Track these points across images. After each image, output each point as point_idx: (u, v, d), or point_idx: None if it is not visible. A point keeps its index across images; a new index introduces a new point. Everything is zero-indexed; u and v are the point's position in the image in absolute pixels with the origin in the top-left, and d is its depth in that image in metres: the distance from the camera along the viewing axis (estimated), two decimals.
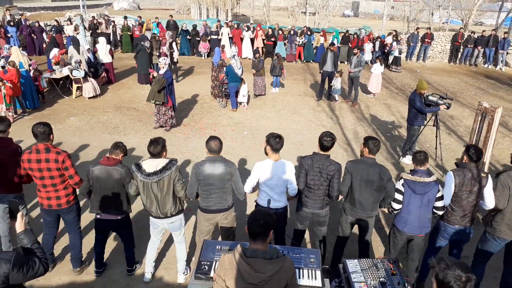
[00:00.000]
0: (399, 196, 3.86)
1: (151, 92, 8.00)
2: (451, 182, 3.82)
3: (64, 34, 16.53)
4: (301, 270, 3.08)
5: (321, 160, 3.88)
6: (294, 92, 12.14)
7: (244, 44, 16.79)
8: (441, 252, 4.19)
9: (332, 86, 10.94)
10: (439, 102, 6.71)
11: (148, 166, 3.70)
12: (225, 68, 9.92)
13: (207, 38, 16.63)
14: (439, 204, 3.82)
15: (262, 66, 10.96)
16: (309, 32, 16.62)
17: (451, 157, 7.78)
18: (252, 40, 16.83)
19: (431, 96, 6.81)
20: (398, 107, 11.04)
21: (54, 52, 11.22)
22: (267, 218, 2.37)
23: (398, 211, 3.93)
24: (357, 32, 17.05)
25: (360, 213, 4.00)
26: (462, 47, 17.13)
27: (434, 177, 3.79)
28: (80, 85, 10.51)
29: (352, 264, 3.31)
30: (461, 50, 17.27)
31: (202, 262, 3.17)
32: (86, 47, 11.75)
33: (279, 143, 3.80)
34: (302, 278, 3.02)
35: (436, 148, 7.25)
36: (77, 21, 17.05)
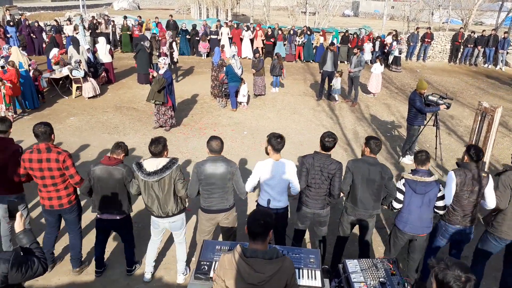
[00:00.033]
0: (400, 196, 3.87)
1: (151, 92, 8.00)
2: (452, 181, 3.82)
3: (63, 34, 16.53)
4: (300, 270, 3.08)
5: (322, 159, 3.89)
6: (294, 92, 12.14)
7: (243, 44, 16.79)
8: (441, 252, 4.19)
9: (332, 86, 10.94)
10: (439, 102, 6.71)
11: (149, 165, 3.70)
12: (225, 68, 9.92)
13: (207, 38, 16.63)
14: (440, 203, 3.82)
15: (262, 66, 10.95)
16: (309, 32, 16.62)
17: (451, 157, 7.78)
18: (252, 40, 16.83)
19: (431, 96, 6.82)
20: (398, 107, 11.04)
21: (54, 52, 11.21)
22: (267, 218, 2.37)
23: (398, 210, 3.93)
24: (356, 32, 17.06)
25: (362, 212, 3.99)
26: (462, 47, 17.13)
27: (435, 177, 3.80)
28: (80, 85, 10.50)
29: (352, 264, 3.32)
30: (461, 50, 17.27)
31: (202, 262, 3.17)
32: (86, 47, 11.75)
33: (280, 143, 3.80)
34: (302, 278, 3.02)
35: (436, 148, 7.25)
36: (76, 21, 17.04)
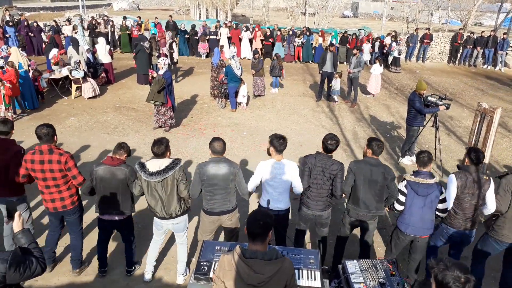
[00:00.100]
0: (401, 197, 3.86)
1: (151, 92, 8.00)
2: (453, 184, 3.81)
3: (62, 35, 16.52)
4: (300, 271, 3.09)
5: (324, 160, 3.90)
6: (293, 93, 12.15)
7: (242, 44, 16.80)
8: (440, 253, 4.19)
9: (332, 87, 10.94)
10: (439, 102, 6.71)
11: (152, 165, 3.71)
12: (224, 68, 9.92)
13: (206, 38, 16.64)
14: (442, 206, 3.82)
15: (262, 67, 10.96)
16: (308, 32, 16.63)
17: (450, 157, 7.79)
18: (251, 41, 16.84)
19: (431, 97, 6.82)
20: (398, 107, 11.05)
21: (54, 52, 11.21)
22: (266, 219, 2.38)
23: (399, 212, 3.93)
24: (355, 33, 17.06)
25: (364, 212, 3.99)
26: (461, 47, 17.14)
27: (437, 179, 3.80)
28: (79, 85, 10.50)
29: (352, 265, 3.32)
30: (460, 51, 17.27)
31: (202, 263, 3.17)
32: (86, 47, 11.75)
33: (282, 144, 3.81)
34: (302, 278, 3.03)
35: (435, 148, 7.25)
36: (75, 21, 17.04)
